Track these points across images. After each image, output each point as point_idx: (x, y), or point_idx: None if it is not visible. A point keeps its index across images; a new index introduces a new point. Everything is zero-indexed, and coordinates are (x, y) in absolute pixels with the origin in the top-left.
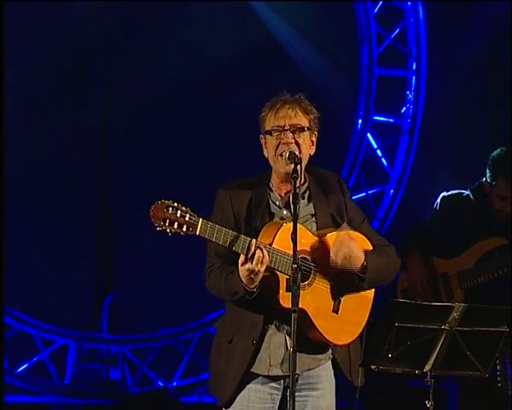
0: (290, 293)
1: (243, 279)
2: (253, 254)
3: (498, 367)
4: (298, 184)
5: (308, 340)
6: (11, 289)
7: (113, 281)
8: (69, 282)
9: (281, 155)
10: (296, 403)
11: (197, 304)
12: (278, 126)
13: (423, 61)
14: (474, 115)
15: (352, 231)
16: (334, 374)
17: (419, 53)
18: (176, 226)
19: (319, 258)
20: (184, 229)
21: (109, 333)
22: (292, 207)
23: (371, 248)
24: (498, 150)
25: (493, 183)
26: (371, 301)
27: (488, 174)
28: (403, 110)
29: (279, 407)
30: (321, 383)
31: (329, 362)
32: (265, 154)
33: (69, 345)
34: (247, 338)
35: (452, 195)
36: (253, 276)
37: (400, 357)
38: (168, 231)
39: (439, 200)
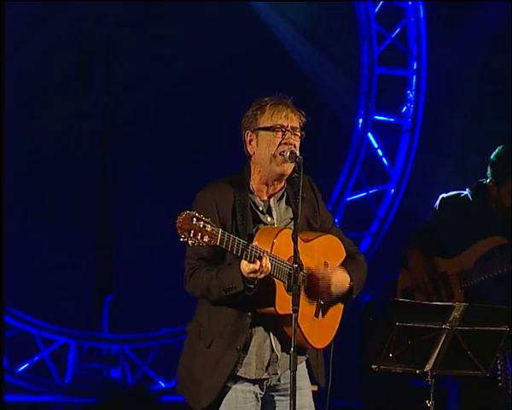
0: (286, 300)
1: (246, 275)
2: (261, 264)
3: (499, 367)
4: (280, 187)
5: (290, 342)
6: (12, 289)
7: (114, 280)
8: (70, 281)
9: (280, 153)
10: (282, 402)
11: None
12: (282, 126)
13: (424, 61)
14: (474, 115)
15: (331, 238)
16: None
17: (420, 52)
18: (199, 237)
19: (306, 264)
20: (206, 239)
21: (110, 332)
22: (274, 212)
23: (345, 253)
24: (500, 148)
25: (497, 181)
26: (343, 305)
27: (492, 174)
28: (403, 110)
29: (262, 406)
30: (301, 382)
31: (304, 362)
32: (251, 151)
33: (70, 344)
34: (230, 345)
35: (451, 196)
36: (252, 277)
37: (401, 356)
38: (191, 242)
39: (438, 201)
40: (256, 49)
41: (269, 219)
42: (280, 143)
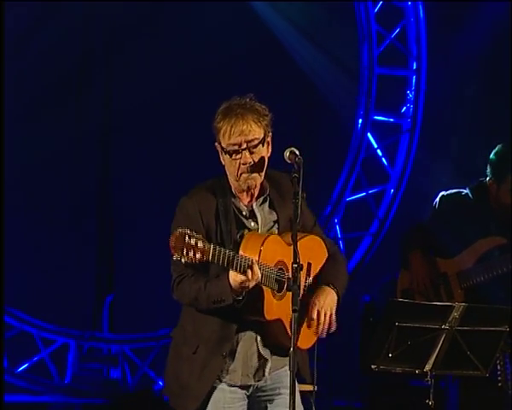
0: (273, 306)
1: (235, 288)
2: (253, 272)
3: (499, 367)
4: (261, 191)
5: (278, 345)
6: (12, 289)
7: (114, 280)
8: (70, 281)
9: (242, 173)
10: (269, 403)
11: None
12: (234, 145)
13: (424, 61)
14: (474, 114)
15: (313, 239)
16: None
17: (419, 52)
18: (191, 254)
19: (291, 267)
20: (198, 256)
21: (110, 333)
22: (258, 216)
23: (327, 254)
24: (500, 146)
25: (496, 179)
26: None
27: (492, 172)
28: (403, 110)
29: (248, 406)
30: (287, 382)
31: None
32: (222, 161)
33: (70, 345)
34: (216, 352)
35: (451, 194)
36: (243, 287)
37: (401, 357)
38: (184, 260)
39: (437, 199)
40: (256, 49)
41: (252, 223)
42: (239, 165)
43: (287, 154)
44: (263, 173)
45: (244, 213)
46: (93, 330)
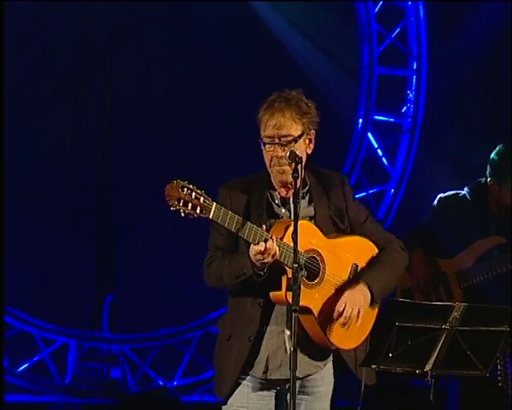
0: (301, 290)
1: (254, 260)
2: (266, 245)
3: (499, 367)
4: (298, 184)
5: (309, 342)
6: (12, 289)
7: (114, 280)
8: (70, 281)
9: (274, 166)
10: (306, 402)
11: (197, 304)
12: (268, 137)
13: (424, 61)
14: (474, 114)
15: (360, 240)
16: (336, 374)
17: (419, 52)
18: (190, 207)
19: (329, 260)
20: (198, 211)
21: (110, 333)
22: (292, 206)
23: (375, 252)
24: (501, 147)
25: (498, 180)
26: (377, 310)
27: (493, 172)
28: (403, 110)
29: (276, 406)
30: (317, 387)
31: (330, 363)
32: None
33: (70, 344)
34: (244, 335)
35: (449, 195)
36: (260, 263)
37: (401, 356)
38: (182, 211)
39: (436, 201)
40: (256, 49)
41: (283, 210)
42: (272, 158)
43: (287, 154)
44: (298, 169)
45: (277, 201)
46: (93, 329)
